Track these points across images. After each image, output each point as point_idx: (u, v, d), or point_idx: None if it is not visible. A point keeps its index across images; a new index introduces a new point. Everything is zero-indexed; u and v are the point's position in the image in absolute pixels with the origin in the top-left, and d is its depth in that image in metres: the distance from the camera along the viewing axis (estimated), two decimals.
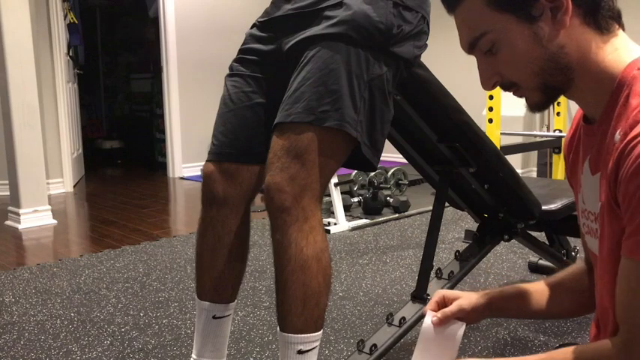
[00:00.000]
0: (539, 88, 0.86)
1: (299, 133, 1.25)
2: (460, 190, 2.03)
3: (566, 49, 0.82)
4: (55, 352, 2.03)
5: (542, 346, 1.97)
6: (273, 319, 2.26)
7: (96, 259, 3.14)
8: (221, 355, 1.51)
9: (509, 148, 4.00)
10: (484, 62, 0.87)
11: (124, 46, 8.44)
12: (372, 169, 1.39)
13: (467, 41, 0.87)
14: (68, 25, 5.24)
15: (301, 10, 1.34)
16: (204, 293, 1.48)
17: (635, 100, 0.77)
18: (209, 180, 1.45)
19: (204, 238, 1.47)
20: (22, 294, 2.62)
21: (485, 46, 0.85)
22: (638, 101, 0.76)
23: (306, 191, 1.25)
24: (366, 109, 1.29)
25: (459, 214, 3.77)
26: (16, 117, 3.74)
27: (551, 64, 0.83)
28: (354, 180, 4.35)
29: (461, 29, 0.87)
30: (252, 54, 1.44)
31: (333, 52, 1.26)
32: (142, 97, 7.30)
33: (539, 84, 0.86)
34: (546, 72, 0.84)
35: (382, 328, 1.76)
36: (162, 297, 2.55)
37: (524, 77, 0.86)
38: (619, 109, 0.80)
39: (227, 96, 1.45)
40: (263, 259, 3.03)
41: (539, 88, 0.86)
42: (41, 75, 4.66)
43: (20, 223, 3.85)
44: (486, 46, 0.85)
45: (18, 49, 3.69)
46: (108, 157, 7.42)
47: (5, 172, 4.02)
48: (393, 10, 1.28)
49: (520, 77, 0.86)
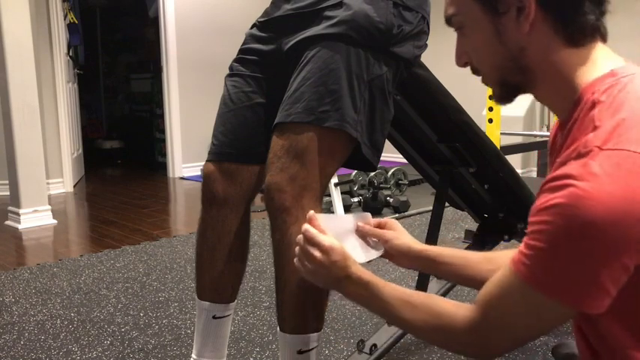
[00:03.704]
0: (499, 83, 0.87)
1: (299, 133, 1.25)
2: (460, 190, 2.03)
3: (528, 52, 0.81)
4: (55, 352, 2.03)
5: (542, 346, 1.97)
6: (273, 319, 2.26)
7: (96, 259, 3.14)
8: (221, 355, 1.51)
9: (509, 148, 4.00)
10: (458, 39, 0.89)
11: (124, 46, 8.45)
12: (372, 169, 1.39)
13: (444, 15, 0.88)
14: (68, 25, 5.24)
15: (301, 10, 1.34)
16: (204, 293, 1.48)
17: (578, 131, 0.75)
18: (209, 180, 1.44)
19: (204, 238, 1.47)
20: (22, 294, 2.62)
21: (456, 25, 0.87)
22: (578, 136, 0.74)
23: (306, 191, 1.25)
24: (366, 109, 1.29)
25: (459, 214, 3.77)
26: (16, 117, 3.74)
27: (510, 63, 0.83)
28: (354, 180, 4.35)
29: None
30: (252, 54, 1.44)
31: (333, 52, 1.26)
32: (142, 97, 7.29)
33: (498, 78, 0.86)
34: (505, 69, 0.84)
35: (382, 328, 1.77)
36: (162, 297, 2.55)
37: (485, 68, 0.87)
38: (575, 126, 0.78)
39: (227, 96, 1.45)
40: (263, 259, 3.03)
41: (498, 83, 0.87)
42: (41, 75, 4.66)
43: (20, 223, 3.85)
44: (456, 26, 0.87)
45: (18, 49, 3.69)
46: (108, 157, 7.42)
47: (5, 172, 4.02)
48: (394, 11, 1.28)
49: (482, 67, 0.87)
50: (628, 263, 0.69)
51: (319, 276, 0.97)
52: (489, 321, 0.79)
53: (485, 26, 0.82)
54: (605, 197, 0.66)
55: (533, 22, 0.78)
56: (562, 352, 1.62)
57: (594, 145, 0.69)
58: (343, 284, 0.96)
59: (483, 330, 0.80)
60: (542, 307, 0.73)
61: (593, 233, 0.66)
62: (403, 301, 0.90)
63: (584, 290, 0.70)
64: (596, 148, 0.69)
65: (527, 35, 0.79)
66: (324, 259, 0.95)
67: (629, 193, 0.66)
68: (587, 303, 0.71)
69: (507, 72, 0.84)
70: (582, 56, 0.79)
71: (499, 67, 0.84)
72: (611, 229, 0.66)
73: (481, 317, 0.80)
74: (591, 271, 0.68)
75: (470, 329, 0.81)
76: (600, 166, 0.67)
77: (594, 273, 0.68)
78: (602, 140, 0.69)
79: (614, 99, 0.73)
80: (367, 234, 1.10)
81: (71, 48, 5.37)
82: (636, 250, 0.68)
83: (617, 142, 0.69)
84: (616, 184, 0.66)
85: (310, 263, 0.97)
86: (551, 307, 0.73)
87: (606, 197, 0.66)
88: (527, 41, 0.80)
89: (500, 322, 0.79)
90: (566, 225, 0.68)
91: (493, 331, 0.80)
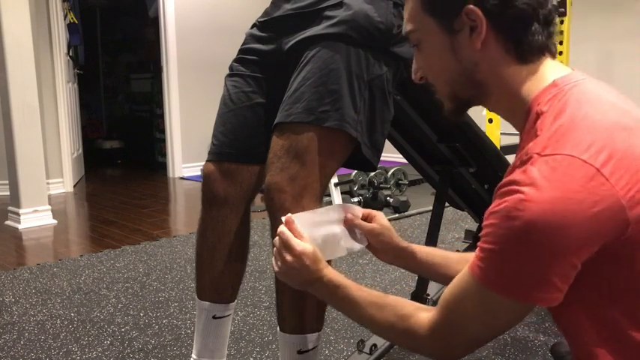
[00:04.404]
0: (449, 97, 0.91)
1: (299, 133, 1.25)
2: (460, 190, 2.03)
3: (480, 68, 0.85)
4: (55, 352, 2.03)
5: (542, 346, 1.97)
6: (273, 319, 2.26)
7: (96, 259, 3.14)
8: (221, 355, 1.51)
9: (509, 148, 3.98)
10: (416, 55, 0.92)
11: (124, 46, 8.45)
12: (372, 169, 1.39)
13: (403, 32, 0.92)
14: (68, 25, 5.24)
15: (301, 10, 1.34)
16: (204, 293, 1.48)
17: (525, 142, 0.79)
18: (209, 180, 1.44)
19: (204, 238, 1.47)
20: (22, 294, 2.62)
21: (413, 41, 0.91)
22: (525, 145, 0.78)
23: (306, 191, 1.25)
24: (366, 109, 1.29)
25: (459, 214, 3.77)
26: (16, 117, 3.74)
27: (463, 78, 0.87)
28: (354, 180, 4.35)
29: (405, 12, 0.91)
30: (252, 54, 1.44)
31: (333, 52, 1.26)
32: (142, 97, 7.29)
33: (449, 93, 0.91)
34: (456, 83, 0.88)
35: None
36: (162, 297, 2.55)
37: (439, 83, 0.91)
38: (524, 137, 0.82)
39: (227, 96, 1.45)
40: (263, 259, 3.03)
41: (449, 97, 0.91)
42: (41, 75, 4.66)
43: (20, 223, 3.85)
44: (414, 42, 0.91)
45: (18, 49, 3.69)
46: (108, 157, 7.42)
47: (5, 172, 4.02)
48: (394, 10, 1.28)
49: (436, 81, 0.92)
50: (574, 260, 0.73)
51: (291, 277, 1.01)
52: (450, 323, 0.83)
53: (441, 43, 0.86)
54: (544, 200, 0.70)
55: (485, 40, 0.83)
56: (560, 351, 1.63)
57: (534, 152, 0.74)
58: (314, 287, 0.99)
59: (445, 332, 0.84)
60: (497, 306, 0.77)
61: (537, 235, 0.71)
62: (371, 304, 0.93)
63: (535, 288, 0.74)
64: (535, 155, 0.74)
65: (479, 52, 0.84)
66: (295, 262, 0.98)
67: (565, 194, 0.70)
68: (539, 298, 0.75)
69: (459, 86, 0.88)
70: (531, 71, 0.84)
71: (452, 82, 0.89)
72: (552, 231, 0.70)
73: (442, 319, 0.84)
74: (539, 270, 0.73)
75: (432, 331, 0.85)
76: (539, 170, 0.72)
77: (542, 271, 0.73)
78: (541, 147, 0.74)
79: (554, 108, 0.78)
80: (354, 226, 1.13)
81: (71, 48, 5.37)
82: (579, 248, 0.72)
83: (554, 147, 0.73)
84: (553, 187, 0.70)
85: (283, 266, 1.00)
86: (507, 305, 0.77)
87: (545, 200, 0.70)
88: (480, 57, 0.84)
89: (460, 324, 0.82)
90: (511, 228, 0.72)
91: (454, 333, 0.83)
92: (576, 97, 0.78)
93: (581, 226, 0.70)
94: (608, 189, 0.70)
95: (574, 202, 0.70)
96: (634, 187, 0.72)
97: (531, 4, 0.81)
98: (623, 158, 0.72)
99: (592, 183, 0.70)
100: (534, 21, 0.82)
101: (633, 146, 0.74)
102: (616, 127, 0.74)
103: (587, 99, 0.78)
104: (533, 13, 0.81)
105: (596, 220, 0.71)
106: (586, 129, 0.74)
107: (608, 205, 0.70)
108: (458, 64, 0.86)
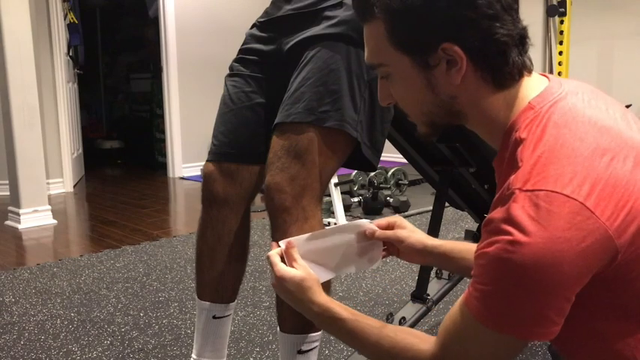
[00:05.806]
0: (426, 124, 0.90)
1: (299, 133, 1.25)
2: (460, 190, 2.03)
3: (458, 100, 0.84)
4: (55, 352, 2.03)
5: (542, 346, 1.97)
6: (273, 319, 2.26)
7: (96, 259, 3.14)
8: (221, 355, 1.51)
9: None
10: (382, 82, 0.90)
11: (124, 46, 8.44)
12: (372, 169, 1.39)
13: (368, 60, 0.89)
14: (68, 25, 5.24)
15: (301, 10, 1.34)
16: (205, 293, 1.48)
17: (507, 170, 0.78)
18: (209, 180, 1.44)
19: (204, 238, 1.47)
20: (22, 294, 2.62)
21: (382, 74, 0.88)
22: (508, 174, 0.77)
23: (307, 191, 1.25)
24: (366, 109, 1.29)
25: (459, 214, 3.77)
26: (16, 117, 3.74)
27: (441, 110, 0.86)
28: (354, 180, 4.35)
29: (366, 44, 0.88)
30: (252, 54, 1.44)
31: (333, 52, 1.26)
32: (142, 97, 7.29)
33: (426, 121, 0.89)
34: (434, 114, 0.87)
35: None
36: (162, 297, 2.55)
37: (412, 113, 0.90)
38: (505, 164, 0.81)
39: (227, 96, 1.45)
40: (263, 259, 3.03)
41: (425, 124, 0.90)
42: (41, 75, 4.66)
43: (20, 223, 3.85)
44: (382, 74, 0.88)
45: (18, 49, 3.69)
46: (108, 157, 7.41)
47: (5, 172, 4.02)
48: None
49: (409, 111, 0.90)
50: (568, 294, 0.73)
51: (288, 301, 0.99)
52: (450, 357, 0.82)
53: (415, 78, 0.83)
54: (532, 242, 0.70)
55: (464, 74, 0.80)
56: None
57: (515, 188, 0.73)
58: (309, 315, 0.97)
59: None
60: (496, 342, 0.77)
61: (530, 276, 0.70)
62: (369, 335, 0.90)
63: (533, 324, 0.74)
64: (517, 191, 0.73)
65: (457, 86, 0.82)
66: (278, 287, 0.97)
67: (553, 233, 0.70)
68: (538, 333, 0.75)
69: (436, 115, 0.87)
70: (510, 96, 0.83)
71: (427, 113, 0.87)
72: (545, 270, 0.70)
73: (442, 354, 0.83)
74: (535, 308, 0.73)
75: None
76: (523, 208, 0.71)
77: (538, 309, 0.73)
78: (522, 182, 0.73)
79: (533, 135, 0.77)
80: (379, 239, 1.08)
81: (71, 48, 5.37)
82: (572, 283, 0.72)
83: (535, 182, 0.72)
84: (540, 227, 0.70)
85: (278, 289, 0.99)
86: (505, 341, 0.77)
87: (534, 242, 0.70)
88: (458, 91, 0.83)
89: (460, 358, 0.82)
90: (503, 271, 0.72)
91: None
92: (554, 120, 0.77)
93: (573, 263, 0.70)
94: (595, 222, 0.70)
95: (563, 241, 0.69)
96: (620, 215, 0.71)
97: (510, 34, 0.79)
98: (606, 187, 0.71)
99: (578, 218, 0.70)
100: (513, 47, 0.80)
101: (615, 170, 0.72)
102: (595, 154, 0.73)
103: (565, 122, 0.76)
104: (511, 41, 0.79)
105: (586, 254, 0.70)
106: (566, 160, 0.72)
107: (597, 238, 0.70)
108: (435, 97, 0.84)
